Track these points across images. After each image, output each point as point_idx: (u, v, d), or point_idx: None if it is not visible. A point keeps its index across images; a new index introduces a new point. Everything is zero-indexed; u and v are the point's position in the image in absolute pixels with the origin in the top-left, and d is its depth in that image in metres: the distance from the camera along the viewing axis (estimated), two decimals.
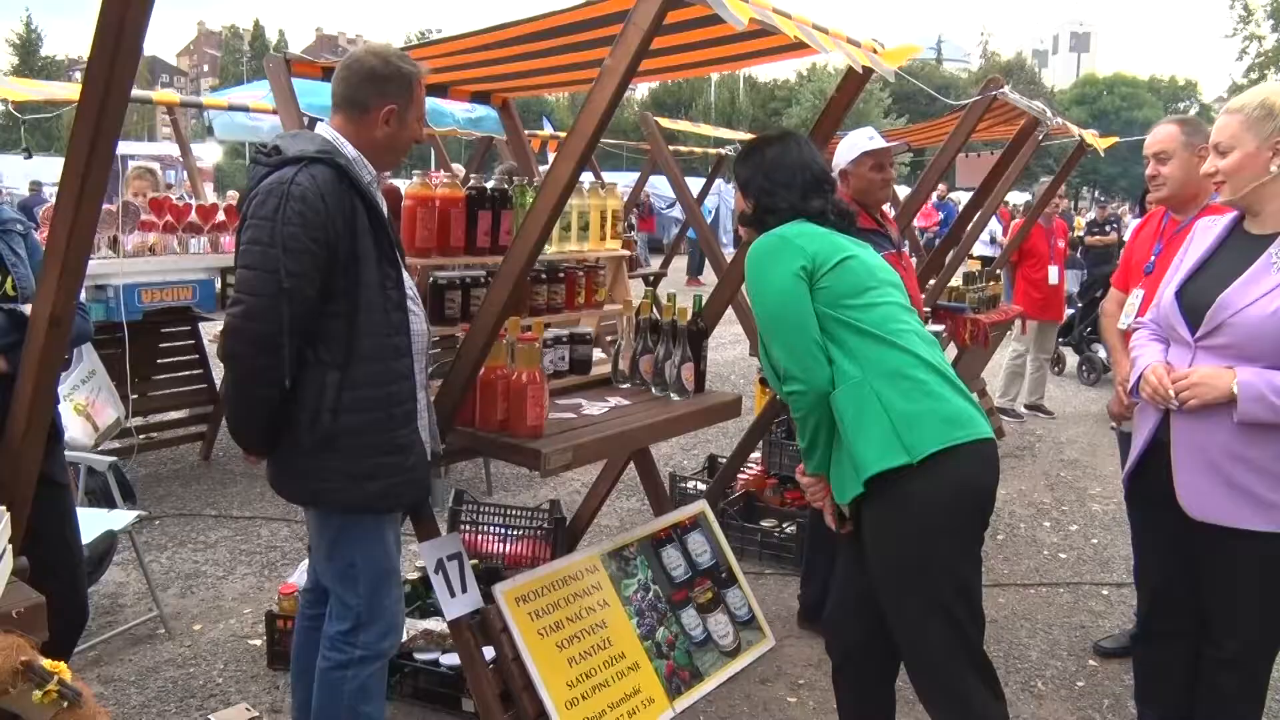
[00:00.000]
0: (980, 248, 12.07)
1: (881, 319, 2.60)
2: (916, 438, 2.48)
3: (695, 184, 13.40)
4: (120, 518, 4.06)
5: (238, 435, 2.71)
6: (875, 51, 3.48)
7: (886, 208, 4.52)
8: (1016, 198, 15.44)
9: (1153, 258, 3.71)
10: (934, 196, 16.19)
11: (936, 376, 2.58)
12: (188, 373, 6.69)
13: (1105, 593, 5.01)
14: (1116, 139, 8.80)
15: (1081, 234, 14.73)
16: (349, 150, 2.65)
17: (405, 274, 2.76)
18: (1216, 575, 2.81)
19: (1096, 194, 46.15)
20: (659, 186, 19.82)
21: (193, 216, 5.93)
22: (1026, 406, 8.88)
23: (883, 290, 2.66)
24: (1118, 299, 3.90)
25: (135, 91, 7.28)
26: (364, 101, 2.66)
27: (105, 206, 5.55)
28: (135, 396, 5.97)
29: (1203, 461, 2.68)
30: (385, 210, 2.73)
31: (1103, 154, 7.48)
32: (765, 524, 5.30)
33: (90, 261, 2.29)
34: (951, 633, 2.54)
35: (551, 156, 6.06)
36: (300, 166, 2.50)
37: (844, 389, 2.55)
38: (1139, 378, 2.84)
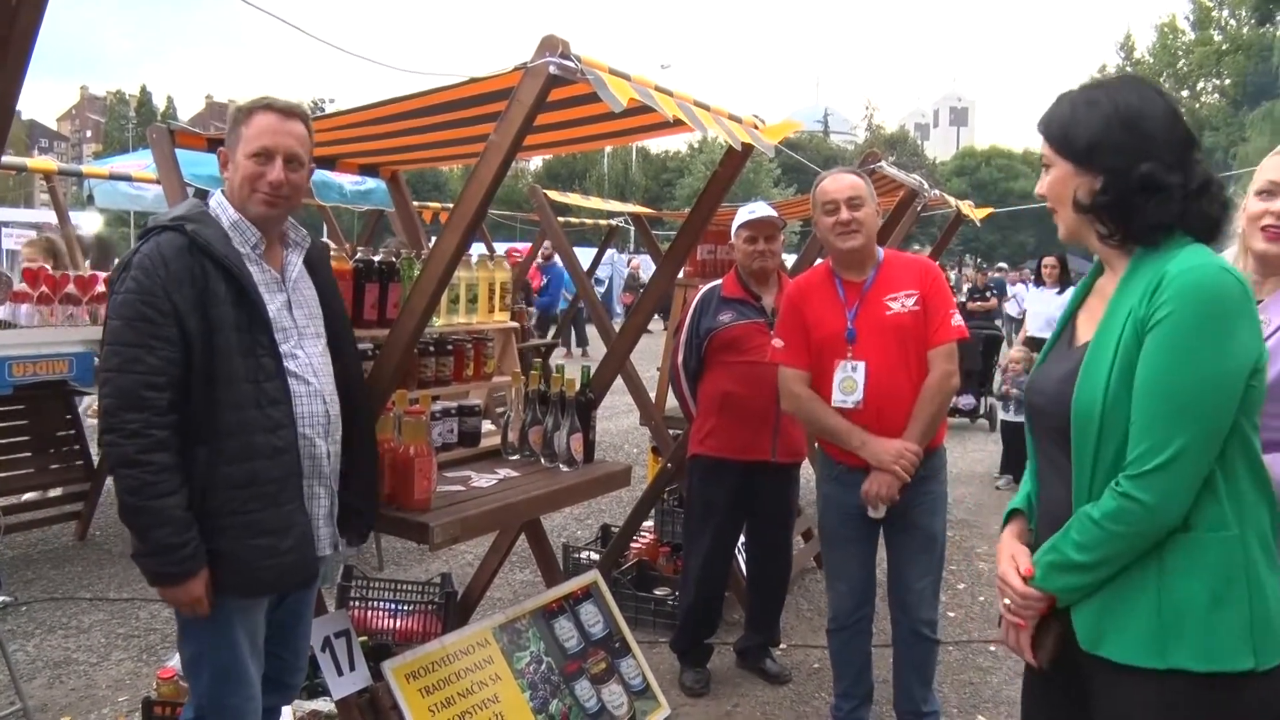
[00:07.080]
0: None
1: (1259, 451, 1.87)
2: (1272, 640, 1.81)
3: (588, 254, 13.57)
4: None
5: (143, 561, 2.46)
6: (756, 128, 3.61)
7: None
8: None
9: None
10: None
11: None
12: (62, 448, 6.44)
13: (993, 649, 5.12)
14: (993, 209, 9.24)
15: (964, 300, 15.27)
16: (228, 215, 2.57)
17: (303, 344, 2.65)
18: None
19: (978, 260, 48.02)
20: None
21: (70, 288, 5.77)
22: None
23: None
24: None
25: (10, 158, 7.12)
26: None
27: None
28: (4, 474, 5.73)
29: None
30: (251, 275, 2.55)
31: (979, 223, 7.81)
32: (659, 592, 5.29)
33: None
34: None
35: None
36: (150, 237, 2.47)
37: (1213, 541, 1.81)
38: None
